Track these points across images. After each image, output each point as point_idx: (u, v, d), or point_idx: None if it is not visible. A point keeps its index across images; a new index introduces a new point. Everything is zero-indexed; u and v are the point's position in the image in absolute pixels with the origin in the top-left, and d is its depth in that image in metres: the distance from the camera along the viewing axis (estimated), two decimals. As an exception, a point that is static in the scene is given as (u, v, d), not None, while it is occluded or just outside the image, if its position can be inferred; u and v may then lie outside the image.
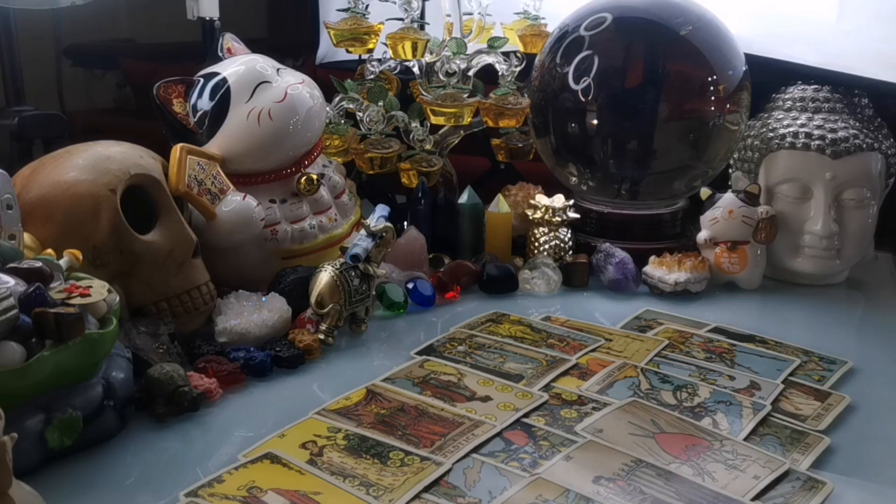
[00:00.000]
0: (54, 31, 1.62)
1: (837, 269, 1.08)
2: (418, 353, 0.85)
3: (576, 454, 0.66)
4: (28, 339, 0.63)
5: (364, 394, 0.75)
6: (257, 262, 0.96)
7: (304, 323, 0.88)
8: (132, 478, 0.65)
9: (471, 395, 0.76)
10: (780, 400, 0.77)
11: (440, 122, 1.14)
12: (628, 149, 1.13)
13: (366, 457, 0.65)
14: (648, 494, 0.61)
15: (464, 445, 0.67)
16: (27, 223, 0.77)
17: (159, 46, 1.91)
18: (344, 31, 1.15)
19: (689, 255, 1.06)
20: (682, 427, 0.71)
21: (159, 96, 0.94)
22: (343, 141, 1.15)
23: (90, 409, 0.66)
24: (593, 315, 0.98)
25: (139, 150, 0.87)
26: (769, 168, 1.09)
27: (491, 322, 0.93)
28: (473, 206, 1.12)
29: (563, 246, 1.09)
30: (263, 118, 0.93)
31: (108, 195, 0.79)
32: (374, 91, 1.14)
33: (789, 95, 1.13)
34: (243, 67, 0.96)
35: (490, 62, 1.15)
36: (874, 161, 1.06)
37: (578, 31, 1.11)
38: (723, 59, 1.10)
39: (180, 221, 0.86)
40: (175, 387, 0.72)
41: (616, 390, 0.77)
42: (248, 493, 0.60)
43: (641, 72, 1.13)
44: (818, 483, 0.63)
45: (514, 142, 1.25)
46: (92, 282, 0.70)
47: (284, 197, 0.98)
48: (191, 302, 0.86)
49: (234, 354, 0.81)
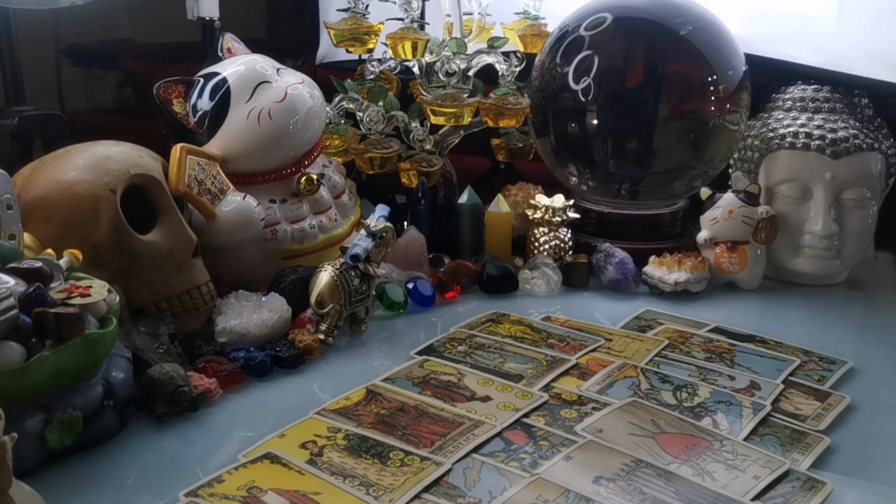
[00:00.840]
0: (54, 31, 1.62)
1: (837, 269, 1.08)
2: (418, 353, 0.85)
3: (576, 454, 0.66)
4: (28, 339, 0.63)
5: (364, 394, 0.75)
6: (257, 262, 0.96)
7: (304, 323, 0.88)
8: (132, 478, 0.65)
9: (471, 396, 0.76)
10: (780, 400, 0.77)
11: (440, 122, 1.14)
12: (628, 149, 1.13)
13: (366, 457, 0.65)
14: (648, 494, 0.61)
15: (464, 445, 0.67)
16: (27, 223, 0.77)
17: (159, 46, 1.91)
18: (344, 31, 1.15)
19: (689, 255, 1.06)
20: (682, 427, 0.71)
21: (159, 96, 0.94)
22: (343, 141, 1.15)
23: (90, 409, 0.66)
24: (593, 315, 0.98)
25: (139, 150, 0.87)
26: (769, 168, 1.09)
27: (491, 322, 0.93)
28: (473, 206, 1.12)
29: (563, 246, 1.09)
30: (263, 118, 0.93)
31: (108, 195, 0.79)
32: (374, 91, 1.14)
33: (789, 95, 1.13)
34: (243, 67, 0.96)
35: (490, 62, 1.15)
36: (874, 161, 1.06)
37: (578, 31, 1.11)
38: (723, 59, 1.10)
39: (180, 221, 0.86)
40: (175, 387, 0.72)
41: (616, 390, 0.77)
42: (248, 493, 0.60)
43: (641, 72, 1.13)
44: (818, 483, 0.63)
45: (514, 142, 1.26)
46: (92, 282, 0.70)
47: (284, 197, 0.98)
48: (191, 302, 0.86)
49: (234, 354, 0.81)
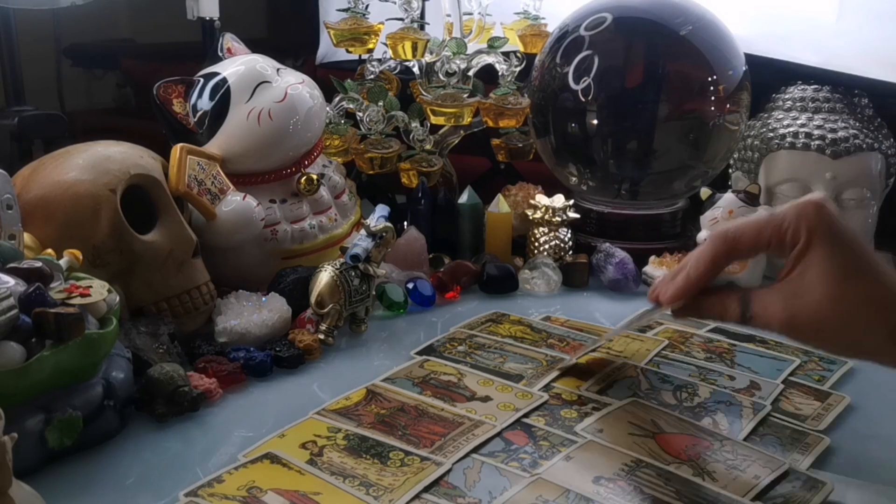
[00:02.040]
0: (54, 31, 1.62)
1: (837, 269, 1.08)
2: (418, 353, 0.85)
3: (576, 454, 0.66)
4: (28, 339, 0.63)
5: (364, 394, 0.75)
6: (257, 262, 0.96)
7: (304, 323, 0.88)
8: (132, 478, 0.65)
9: (471, 396, 0.76)
10: (780, 400, 0.77)
11: (440, 122, 1.14)
12: (628, 149, 1.13)
13: (366, 457, 0.65)
14: (648, 494, 0.61)
15: (464, 445, 0.67)
16: (27, 223, 0.77)
17: (159, 46, 1.91)
18: (344, 31, 1.15)
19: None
20: (682, 427, 0.71)
21: (159, 96, 0.94)
22: (343, 141, 1.15)
23: (90, 409, 0.66)
24: (593, 315, 0.98)
25: (139, 150, 0.87)
26: (769, 168, 1.09)
27: (491, 322, 0.93)
28: (473, 206, 1.12)
29: (563, 246, 1.09)
30: (263, 118, 0.93)
31: (108, 195, 0.80)
32: (374, 91, 1.14)
33: (789, 95, 1.13)
34: (243, 67, 0.97)
35: (490, 62, 1.15)
36: (874, 161, 1.06)
37: (578, 31, 1.11)
38: (723, 59, 1.10)
39: (180, 221, 0.86)
40: (175, 387, 0.72)
41: (616, 390, 0.77)
42: (248, 493, 0.60)
43: (641, 72, 1.13)
44: (818, 483, 0.63)
45: (514, 142, 1.26)
46: (92, 282, 0.70)
47: (284, 197, 0.98)
48: (191, 302, 0.86)
49: (234, 354, 0.81)
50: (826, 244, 0.58)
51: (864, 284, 0.58)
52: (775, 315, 0.60)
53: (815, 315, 0.58)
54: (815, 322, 0.59)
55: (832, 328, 0.59)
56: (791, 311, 0.59)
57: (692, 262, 0.65)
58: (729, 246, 0.63)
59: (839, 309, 0.58)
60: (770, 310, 0.61)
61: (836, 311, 0.58)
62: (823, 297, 0.58)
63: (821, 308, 0.58)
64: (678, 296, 0.66)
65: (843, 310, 0.58)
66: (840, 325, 0.59)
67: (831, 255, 0.58)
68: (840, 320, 0.58)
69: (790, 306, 0.60)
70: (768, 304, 0.61)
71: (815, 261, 0.58)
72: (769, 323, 0.61)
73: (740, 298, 0.63)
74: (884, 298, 0.58)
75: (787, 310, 0.60)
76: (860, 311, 0.58)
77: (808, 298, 0.59)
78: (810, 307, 0.59)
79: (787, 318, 0.60)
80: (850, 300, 0.58)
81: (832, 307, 0.58)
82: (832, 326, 0.59)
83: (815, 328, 0.59)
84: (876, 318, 0.58)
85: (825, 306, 0.58)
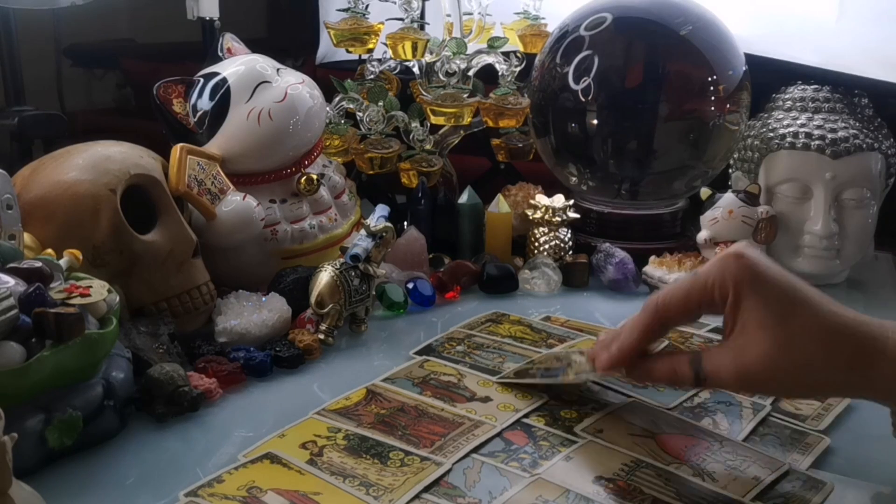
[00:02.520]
0: (54, 31, 1.62)
1: (837, 269, 1.08)
2: (418, 352, 0.85)
3: (576, 454, 0.66)
4: (28, 339, 0.63)
5: (364, 394, 0.75)
6: (257, 262, 0.96)
7: (304, 323, 0.88)
8: (132, 478, 0.65)
9: (471, 396, 0.76)
10: (779, 400, 0.77)
11: (440, 122, 1.14)
12: (628, 149, 1.13)
13: (366, 457, 0.65)
14: (648, 494, 0.61)
15: (464, 446, 0.67)
16: (27, 223, 0.77)
17: (159, 46, 1.91)
18: (344, 31, 1.15)
19: (689, 255, 1.06)
20: (682, 427, 0.71)
21: (159, 96, 0.95)
22: (343, 141, 1.15)
23: (90, 409, 0.66)
24: (593, 315, 0.98)
25: (139, 150, 0.87)
26: (769, 168, 1.09)
27: (491, 322, 0.93)
28: (473, 206, 1.12)
29: (563, 246, 1.09)
30: (263, 118, 0.93)
31: (108, 195, 0.79)
32: (374, 91, 1.14)
33: (789, 95, 1.13)
34: (243, 67, 0.97)
35: (490, 62, 1.16)
36: (874, 161, 1.06)
37: (578, 31, 1.11)
38: (723, 59, 1.10)
39: (180, 221, 0.86)
40: (175, 387, 0.72)
41: (616, 390, 0.77)
42: (248, 493, 0.60)
43: (641, 72, 1.13)
44: (818, 483, 0.63)
45: (514, 142, 1.26)
46: (92, 282, 0.70)
47: (284, 197, 0.98)
48: (191, 302, 0.86)
49: (234, 354, 0.81)
50: (754, 293, 0.57)
51: (804, 321, 0.56)
52: (728, 374, 0.59)
53: (768, 365, 0.57)
54: (769, 371, 0.57)
55: (787, 373, 0.57)
56: (742, 368, 0.58)
57: (626, 331, 0.64)
58: (660, 315, 0.62)
59: (787, 353, 0.56)
60: (722, 370, 0.59)
61: (785, 356, 0.56)
62: (769, 346, 0.56)
63: (770, 357, 0.57)
64: (611, 365, 0.65)
65: (791, 352, 0.56)
66: (794, 369, 0.57)
67: (763, 302, 0.57)
68: (792, 363, 0.57)
69: (740, 363, 0.58)
70: (719, 363, 0.59)
71: (749, 312, 0.57)
72: (724, 382, 0.60)
73: (690, 361, 0.61)
74: (827, 330, 0.56)
75: (738, 367, 0.58)
76: (808, 348, 0.56)
77: (756, 350, 0.57)
78: (760, 359, 0.57)
79: (740, 374, 0.58)
80: (796, 341, 0.56)
81: (780, 353, 0.56)
82: (786, 371, 0.57)
83: (770, 378, 0.58)
84: (826, 351, 0.56)
85: (773, 354, 0.56)
